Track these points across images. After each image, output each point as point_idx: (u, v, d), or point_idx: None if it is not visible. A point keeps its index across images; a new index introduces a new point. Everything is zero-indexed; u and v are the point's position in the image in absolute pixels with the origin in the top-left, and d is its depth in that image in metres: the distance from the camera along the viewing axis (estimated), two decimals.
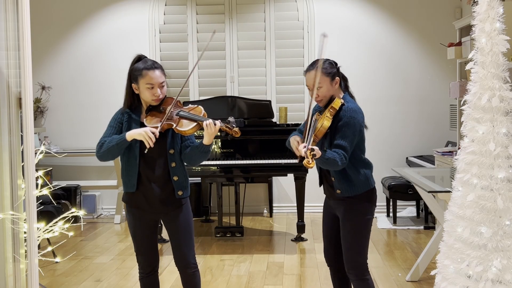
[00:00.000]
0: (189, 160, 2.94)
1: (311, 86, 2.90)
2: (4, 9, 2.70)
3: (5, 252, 2.78)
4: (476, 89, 2.36)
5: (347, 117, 2.81)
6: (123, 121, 2.92)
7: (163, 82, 2.89)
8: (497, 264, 2.26)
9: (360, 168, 2.88)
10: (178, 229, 2.95)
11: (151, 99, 2.88)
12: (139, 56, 2.98)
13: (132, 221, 2.97)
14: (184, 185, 2.94)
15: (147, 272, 3.02)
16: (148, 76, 2.85)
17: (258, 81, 6.64)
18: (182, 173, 2.94)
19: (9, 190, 2.80)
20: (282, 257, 4.93)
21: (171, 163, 2.89)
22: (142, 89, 2.87)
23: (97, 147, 2.87)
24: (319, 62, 2.89)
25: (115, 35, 6.72)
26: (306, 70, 2.95)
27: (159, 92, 2.87)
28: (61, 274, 4.54)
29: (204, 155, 2.91)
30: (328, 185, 2.97)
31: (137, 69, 2.89)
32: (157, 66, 2.90)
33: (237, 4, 6.61)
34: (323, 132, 2.79)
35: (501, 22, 2.30)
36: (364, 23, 6.57)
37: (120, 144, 2.81)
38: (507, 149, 2.30)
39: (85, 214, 6.48)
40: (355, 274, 2.90)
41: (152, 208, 2.92)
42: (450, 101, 6.43)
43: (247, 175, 5.48)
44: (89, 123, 6.76)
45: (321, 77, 2.87)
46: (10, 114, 2.78)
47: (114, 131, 2.91)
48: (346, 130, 2.79)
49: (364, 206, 2.90)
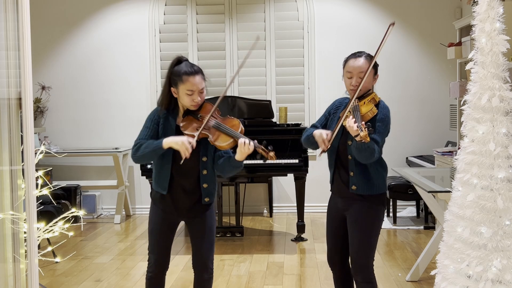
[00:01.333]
0: (221, 171, 2.92)
1: (355, 73, 2.82)
2: (4, 9, 2.70)
3: (5, 252, 2.78)
4: (476, 89, 2.36)
5: (383, 114, 2.81)
6: (160, 122, 2.88)
7: (203, 88, 2.84)
8: (497, 264, 2.26)
9: (380, 169, 2.86)
10: (201, 233, 2.94)
11: (190, 104, 2.84)
12: (178, 58, 2.89)
13: (154, 218, 2.95)
14: (212, 192, 2.92)
15: (156, 273, 2.97)
16: (189, 83, 2.79)
17: (258, 81, 6.64)
18: (212, 181, 2.92)
19: (9, 190, 2.80)
20: (282, 257, 4.94)
21: (202, 170, 2.87)
22: (182, 95, 2.83)
23: (133, 149, 2.85)
24: (364, 53, 2.87)
25: (115, 35, 6.73)
26: (351, 56, 2.88)
27: (198, 99, 2.83)
28: (61, 274, 4.54)
29: (236, 169, 2.89)
30: (341, 182, 2.90)
31: (177, 74, 2.82)
32: (198, 70, 2.84)
33: (237, 4, 6.61)
34: (369, 117, 2.75)
35: (501, 22, 2.30)
36: (364, 23, 6.58)
37: (156, 151, 2.79)
38: (507, 149, 2.30)
39: (85, 214, 6.48)
40: (362, 277, 2.87)
41: (177, 212, 2.91)
42: (450, 101, 6.43)
43: (247, 175, 5.48)
44: (89, 123, 6.76)
45: (368, 66, 2.81)
46: (10, 114, 2.78)
47: (150, 132, 2.87)
48: (381, 126, 2.79)
49: (379, 208, 2.87)
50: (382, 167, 2.88)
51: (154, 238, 2.96)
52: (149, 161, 2.90)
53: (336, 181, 2.95)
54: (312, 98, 6.60)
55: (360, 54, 2.87)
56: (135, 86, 6.69)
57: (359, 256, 2.85)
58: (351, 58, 2.88)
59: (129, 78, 6.71)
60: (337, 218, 2.97)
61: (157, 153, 2.81)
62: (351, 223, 2.87)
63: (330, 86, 6.59)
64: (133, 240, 5.62)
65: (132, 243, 5.50)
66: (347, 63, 2.89)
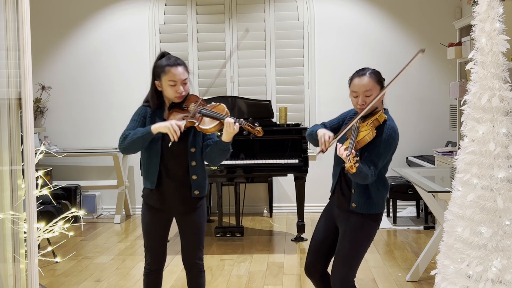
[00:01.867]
0: (209, 159, 2.93)
1: (360, 92, 2.77)
2: (4, 9, 2.70)
3: (5, 252, 2.78)
4: (476, 89, 2.36)
5: (387, 135, 2.74)
6: (147, 116, 2.91)
7: (186, 79, 2.86)
8: (497, 264, 2.26)
9: (382, 189, 2.82)
10: (191, 229, 2.95)
11: (173, 96, 2.86)
12: (162, 53, 2.93)
13: (147, 216, 2.96)
14: (202, 185, 2.93)
15: (153, 269, 3.01)
16: (171, 73, 2.82)
17: (258, 81, 6.64)
18: (202, 173, 2.93)
19: (9, 190, 2.80)
20: (282, 257, 4.93)
21: (191, 162, 2.89)
22: (165, 86, 2.86)
23: (120, 139, 2.86)
24: (369, 70, 2.81)
25: (115, 35, 6.73)
26: (355, 75, 2.82)
27: (181, 89, 2.85)
28: (61, 274, 4.54)
29: (224, 153, 2.89)
30: (342, 195, 2.87)
31: (160, 66, 2.86)
32: (180, 62, 2.87)
33: (237, 4, 6.61)
34: (365, 142, 2.70)
35: (501, 22, 2.30)
36: (364, 23, 6.58)
37: (145, 136, 2.80)
38: (507, 149, 2.29)
39: (85, 214, 6.48)
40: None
41: (168, 206, 2.92)
42: (450, 101, 6.43)
43: (247, 175, 5.48)
44: (89, 123, 6.76)
45: (373, 84, 2.77)
46: (10, 114, 2.78)
47: (137, 124, 2.89)
48: (383, 149, 2.72)
49: (372, 226, 2.84)
50: (384, 186, 2.84)
51: (148, 237, 2.98)
52: (137, 150, 2.87)
53: (337, 192, 2.91)
54: (312, 98, 6.60)
55: (364, 72, 2.80)
56: (135, 86, 6.69)
57: (343, 269, 2.80)
58: (355, 77, 2.81)
59: (129, 78, 6.71)
60: (330, 228, 2.93)
61: (146, 139, 2.81)
62: (343, 235, 2.84)
63: (330, 86, 6.59)
64: (133, 240, 5.62)
65: (132, 243, 5.50)
66: (352, 81, 2.83)
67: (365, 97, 2.77)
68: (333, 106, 6.44)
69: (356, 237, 2.81)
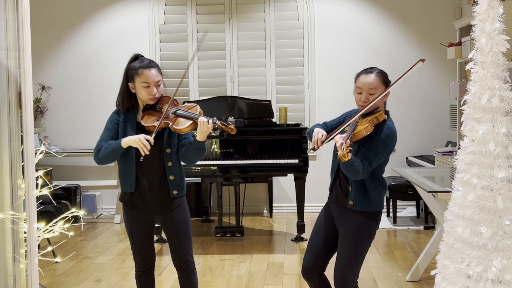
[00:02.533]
0: (185, 158, 2.95)
1: (364, 89, 2.80)
2: (4, 9, 2.70)
3: (5, 252, 2.78)
4: (476, 89, 2.36)
5: (385, 135, 2.76)
6: (119, 121, 2.93)
7: (159, 81, 2.88)
8: (497, 264, 2.26)
9: (379, 187, 2.84)
10: (176, 229, 2.95)
11: (147, 98, 2.88)
12: (135, 56, 2.95)
13: (129, 220, 2.97)
14: (180, 184, 2.94)
15: (144, 270, 3.04)
16: (144, 75, 2.84)
17: (258, 81, 6.64)
18: (178, 173, 2.95)
19: (9, 190, 2.80)
20: (282, 257, 4.93)
21: (167, 163, 2.90)
22: (139, 88, 2.87)
23: (95, 151, 2.89)
24: (377, 69, 2.84)
25: (115, 35, 6.73)
26: (362, 72, 2.85)
27: (155, 91, 2.87)
28: (61, 274, 4.54)
29: (199, 152, 2.90)
30: (340, 193, 2.88)
31: (133, 68, 2.88)
32: (154, 65, 2.89)
33: (237, 4, 6.61)
34: (361, 136, 2.72)
35: (501, 22, 2.30)
36: (364, 23, 6.58)
37: (116, 151, 2.83)
38: (507, 149, 2.29)
39: (85, 214, 6.48)
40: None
41: (149, 208, 2.93)
42: (450, 101, 6.43)
43: (247, 175, 5.48)
44: (89, 123, 6.76)
45: (379, 83, 2.80)
46: (10, 114, 2.78)
47: (110, 133, 2.91)
48: (379, 147, 2.74)
49: (372, 225, 2.85)
50: (381, 185, 2.86)
51: (133, 240, 2.99)
52: (111, 161, 2.90)
53: (335, 189, 2.93)
54: (312, 98, 6.60)
55: (371, 70, 2.83)
56: None
57: (345, 269, 2.81)
58: (362, 74, 2.84)
59: None
60: (329, 228, 2.93)
61: (117, 153, 2.84)
62: (343, 234, 2.85)
63: (330, 86, 6.59)
64: None
65: None
66: (358, 78, 2.85)
67: (368, 94, 2.80)
68: (333, 106, 6.44)
69: (356, 238, 2.82)
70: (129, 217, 2.97)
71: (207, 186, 6.50)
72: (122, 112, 2.94)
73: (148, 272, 3.05)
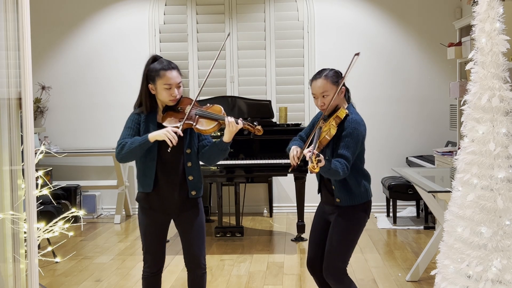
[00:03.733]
0: (207, 159, 2.96)
1: (317, 94, 2.91)
2: (4, 9, 2.70)
3: (5, 252, 2.78)
4: (476, 89, 2.36)
5: (351, 128, 2.83)
6: (140, 121, 2.92)
7: (180, 82, 2.90)
8: (497, 264, 2.26)
9: (361, 179, 2.91)
10: (191, 230, 2.96)
11: (168, 99, 2.89)
12: (154, 57, 2.96)
13: (144, 220, 2.96)
14: (198, 185, 2.96)
15: (153, 272, 3.01)
16: (166, 77, 2.85)
17: (258, 81, 6.64)
18: (197, 173, 2.96)
19: (9, 190, 2.80)
20: (282, 257, 4.93)
21: (187, 163, 2.91)
22: (160, 90, 2.88)
23: (118, 148, 2.87)
24: (325, 71, 2.92)
25: (115, 35, 6.73)
26: (312, 78, 2.95)
27: (176, 93, 2.88)
28: (61, 274, 4.54)
29: (223, 153, 2.93)
30: (327, 192, 2.98)
31: (154, 69, 2.88)
32: (174, 66, 2.91)
33: (237, 4, 6.61)
34: (327, 140, 2.81)
35: (501, 22, 2.30)
36: (364, 23, 6.58)
37: (142, 146, 2.81)
38: (507, 149, 2.29)
39: (85, 214, 6.48)
40: (333, 279, 2.89)
41: (166, 208, 2.93)
42: (450, 101, 6.43)
43: (247, 175, 5.48)
44: (89, 123, 6.76)
45: (328, 85, 2.88)
46: (10, 114, 2.78)
47: (132, 132, 2.90)
48: (349, 141, 2.81)
49: (359, 215, 2.93)
50: (363, 176, 2.93)
51: (147, 240, 2.98)
52: (135, 158, 2.90)
53: (323, 190, 3.03)
54: (312, 98, 6.57)
55: (319, 76, 2.92)
56: (135, 86, 6.60)
57: (332, 257, 2.89)
58: (312, 80, 2.94)
59: (129, 78, 6.71)
60: (323, 223, 3.03)
61: (143, 148, 2.82)
62: (332, 226, 2.93)
63: None
64: (133, 240, 5.62)
65: (132, 243, 5.50)
66: (311, 84, 2.96)
67: (323, 98, 2.89)
68: None
69: (343, 227, 2.90)
70: (145, 217, 2.96)
71: (207, 186, 6.50)
72: (145, 113, 2.93)
73: (156, 274, 3.03)
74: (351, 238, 2.92)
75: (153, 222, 2.95)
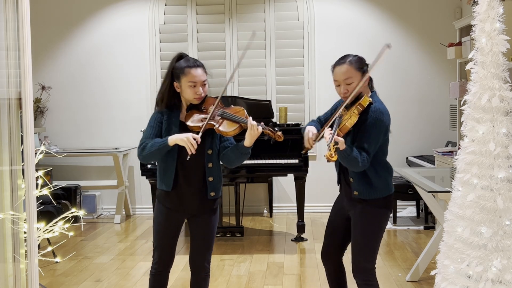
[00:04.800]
0: (228, 161, 2.94)
1: (340, 80, 2.78)
2: (4, 9, 2.70)
3: (5, 252, 2.78)
4: (476, 89, 2.36)
5: (374, 118, 2.71)
6: (163, 120, 2.90)
7: (205, 81, 2.88)
8: (497, 264, 2.26)
9: (381, 172, 2.80)
10: (204, 233, 2.95)
11: (193, 97, 2.86)
12: (180, 54, 2.93)
13: (160, 217, 2.95)
14: (217, 186, 2.94)
15: (160, 270, 2.99)
16: (191, 74, 2.83)
17: (258, 81, 6.64)
18: (218, 174, 2.93)
19: (9, 190, 2.80)
20: (282, 257, 4.94)
21: (208, 164, 2.89)
22: (184, 88, 2.86)
23: (139, 149, 2.87)
24: (349, 57, 2.79)
25: (115, 35, 6.73)
26: (335, 64, 2.83)
27: (201, 91, 2.86)
28: (61, 274, 4.54)
29: (244, 156, 2.90)
30: (345, 185, 2.89)
31: (180, 67, 2.86)
32: (200, 64, 2.88)
33: (237, 4, 6.61)
34: (347, 128, 2.70)
35: (501, 22, 2.30)
36: (364, 23, 6.58)
37: (162, 149, 2.81)
38: (507, 149, 2.29)
39: (85, 214, 6.48)
40: (361, 279, 2.87)
41: (183, 208, 2.92)
42: (450, 101, 6.43)
43: (247, 175, 5.48)
44: (89, 123, 6.76)
45: (353, 71, 2.76)
46: (10, 114, 2.78)
47: (154, 131, 2.89)
48: (371, 132, 2.71)
49: (381, 211, 2.82)
50: (385, 169, 2.82)
51: (159, 238, 2.97)
52: (156, 159, 2.90)
53: (342, 182, 2.94)
54: (312, 98, 6.60)
55: (343, 61, 2.80)
56: (135, 86, 6.69)
57: (359, 258, 2.85)
58: (336, 65, 2.82)
59: (129, 78, 6.71)
60: (342, 217, 2.96)
61: (162, 151, 2.82)
62: (354, 225, 2.87)
63: (330, 86, 6.54)
64: (133, 240, 5.62)
65: (132, 243, 5.50)
66: (333, 70, 2.84)
67: (346, 85, 2.77)
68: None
69: (364, 226, 2.82)
70: (161, 215, 2.95)
71: None
72: (164, 110, 2.91)
73: (164, 272, 3.00)
74: (375, 237, 2.84)
75: (168, 221, 2.94)
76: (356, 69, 2.77)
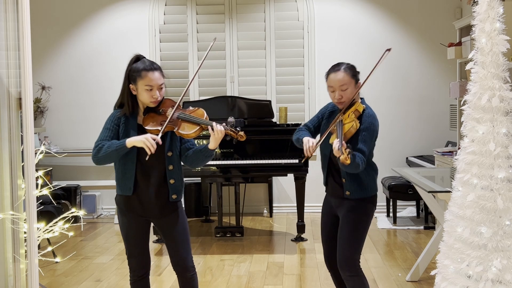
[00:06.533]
0: (191, 163, 2.90)
1: (336, 87, 2.91)
2: (4, 9, 2.70)
3: (5, 252, 2.78)
4: (476, 89, 2.36)
5: (368, 123, 2.87)
6: (120, 123, 2.85)
7: (162, 84, 2.82)
8: (497, 264, 2.26)
9: (371, 171, 2.96)
10: (174, 233, 2.89)
11: (149, 101, 2.81)
12: (137, 56, 2.88)
13: (125, 223, 2.90)
14: (179, 188, 2.89)
15: (140, 275, 2.95)
16: (148, 78, 2.77)
17: (258, 81, 6.64)
18: (179, 176, 2.89)
19: (9, 190, 2.80)
20: (282, 257, 4.93)
21: (168, 166, 2.84)
22: (141, 91, 2.80)
23: (94, 150, 2.80)
24: (343, 64, 2.95)
25: (115, 35, 6.73)
26: (330, 71, 2.95)
27: (157, 94, 2.80)
28: (61, 274, 4.54)
29: (208, 159, 2.88)
30: (336, 185, 2.98)
31: (136, 70, 2.80)
32: (156, 67, 2.83)
33: (237, 4, 6.61)
34: (351, 133, 2.82)
35: (501, 22, 2.30)
36: (364, 23, 6.58)
37: (119, 151, 2.75)
38: (507, 149, 2.30)
39: (85, 214, 6.48)
40: (348, 270, 2.90)
41: (146, 211, 2.86)
42: (450, 101, 6.43)
43: (247, 175, 5.48)
44: (89, 123, 6.76)
45: (348, 78, 2.91)
46: (10, 114, 2.78)
47: (111, 133, 2.83)
48: (366, 135, 2.85)
49: (368, 207, 2.96)
50: (373, 169, 2.99)
51: (130, 244, 2.92)
52: (112, 161, 2.83)
53: (330, 183, 3.03)
54: (312, 98, 6.60)
55: (338, 68, 2.93)
56: None
57: (345, 249, 2.91)
58: (331, 72, 2.94)
59: None
60: (331, 217, 3.05)
61: (120, 153, 2.77)
62: (343, 220, 2.95)
63: None
64: None
65: None
66: (328, 77, 2.95)
67: (341, 91, 2.90)
68: None
69: (353, 219, 2.92)
70: (125, 221, 2.90)
71: (207, 186, 6.50)
72: (128, 115, 2.85)
73: (143, 277, 2.96)
74: (362, 230, 2.94)
75: (134, 225, 2.89)
76: (350, 76, 2.93)
